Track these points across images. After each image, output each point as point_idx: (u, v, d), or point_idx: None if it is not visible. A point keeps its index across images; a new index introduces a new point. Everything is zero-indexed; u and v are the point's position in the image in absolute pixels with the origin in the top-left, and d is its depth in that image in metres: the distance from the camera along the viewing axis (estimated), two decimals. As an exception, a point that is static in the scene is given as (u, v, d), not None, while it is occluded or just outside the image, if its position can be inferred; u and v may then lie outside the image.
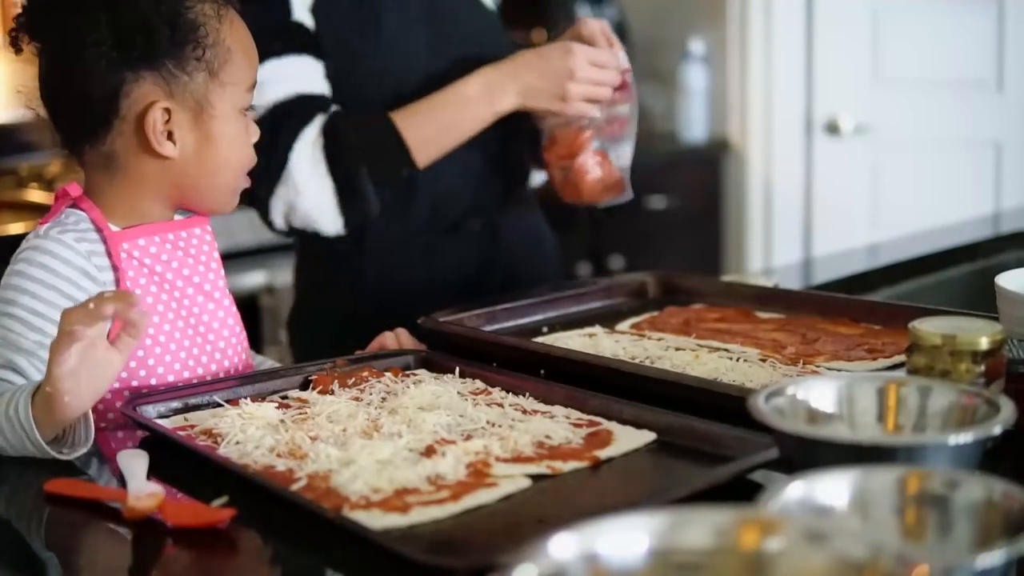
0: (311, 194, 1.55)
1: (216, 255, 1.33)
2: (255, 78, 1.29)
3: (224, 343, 1.30)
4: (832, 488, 0.76)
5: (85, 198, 1.25)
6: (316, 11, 1.63)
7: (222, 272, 1.33)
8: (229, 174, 1.28)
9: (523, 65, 1.58)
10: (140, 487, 0.97)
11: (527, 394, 1.20)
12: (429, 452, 1.03)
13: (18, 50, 1.23)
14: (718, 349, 1.34)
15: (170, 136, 1.22)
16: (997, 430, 0.85)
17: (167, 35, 1.20)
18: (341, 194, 1.56)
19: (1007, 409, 0.87)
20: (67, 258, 1.20)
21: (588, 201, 1.63)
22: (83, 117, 1.23)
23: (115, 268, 1.22)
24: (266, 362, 1.43)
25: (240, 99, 1.26)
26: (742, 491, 0.87)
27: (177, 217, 1.30)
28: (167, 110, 1.21)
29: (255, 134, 1.30)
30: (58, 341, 1.04)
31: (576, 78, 1.55)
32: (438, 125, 1.58)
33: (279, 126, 1.55)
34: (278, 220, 1.58)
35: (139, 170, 1.24)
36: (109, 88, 1.20)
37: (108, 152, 1.23)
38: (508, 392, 1.21)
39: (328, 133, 1.56)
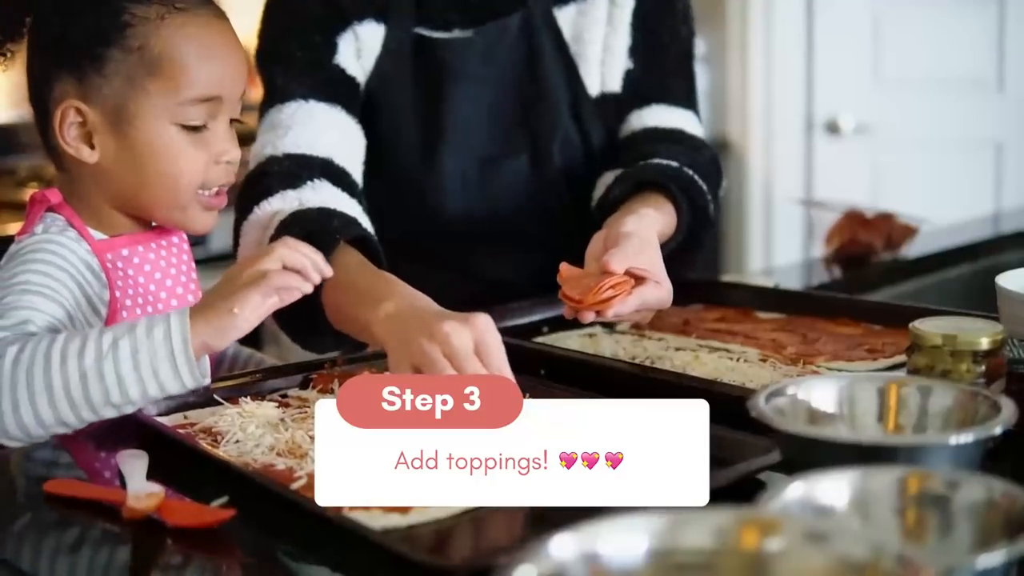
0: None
1: (192, 263, 1.31)
2: (211, 94, 1.18)
3: None
4: (832, 488, 0.76)
5: (65, 205, 1.21)
6: (374, 78, 1.54)
7: (195, 277, 1.30)
8: (170, 190, 1.19)
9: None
10: (140, 487, 0.97)
11: (527, 394, 1.20)
12: (429, 452, 1.03)
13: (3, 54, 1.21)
14: (718, 349, 1.34)
15: (92, 141, 1.18)
16: (998, 430, 0.85)
17: (88, 32, 1.16)
18: None
19: (1008, 409, 0.87)
20: (73, 249, 1.18)
21: None
22: (33, 110, 1.22)
23: (106, 273, 1.20)
24: (265, 360, 1.43)
25: (176, 112, 1.17)
26: (742, 491, 0.87)
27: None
28: (79, 111, 1.17)
29: (228, 153, 1.21)
30: (259, 281, 1.03)
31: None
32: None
33: (249, 186, 1.41)
34: None
35: (79, 172, 1.20)
36: (39, 81, 1.19)
37: (54, 150, 1.21)
38: (508, 392, 1.21)
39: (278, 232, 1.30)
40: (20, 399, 1.03)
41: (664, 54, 1.60)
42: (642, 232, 1.27)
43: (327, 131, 1.46)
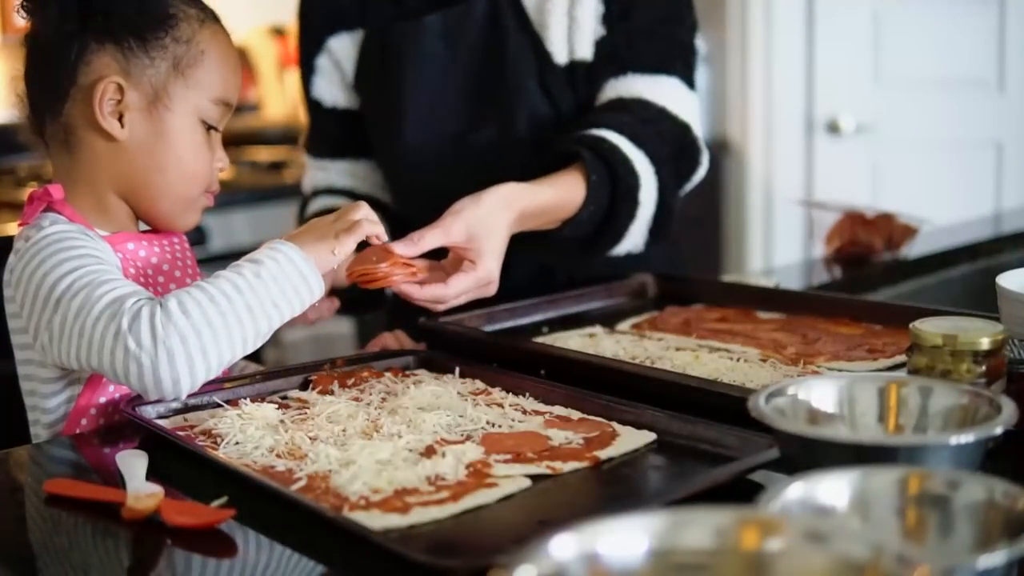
0: None
1: (194, 258, 1.33)
2: (229, 99, 1.28)
3: None
4: (833, 488, 0.76)
5: (66, 204, 1.22)
6: (357, 76, 1.69)
7: (200, 272, 1.32)
8: (183, 180, 1.25)
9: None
10: (140, 487, 0.97)
11: (527, 394, 1.20)
12: (429, 452, 1.03)
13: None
14: (718, 349, 1.34)
15: (121, 119, 1.21)
16: (998, 430, 0.85)
17: (135, 12, 1.21)
18: None
19: (1008, 409, 0.87)
20: (94, 238, 1.20)
21: None
22: (45, 82, 1.23)
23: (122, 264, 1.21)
24: (248, 367, 1.43)
25: (204, 107, 1.25)
26: (742, 491, 0.87)
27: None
28: (120, 87, 1.21)
29: (222, 160, 1.30)
30: (353, 228, 1.20)
31: None
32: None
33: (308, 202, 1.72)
34: None
35: (92, 148, 1.23)
36: (70, 52, 1.21)
37: (64, 124, 1.23)
38: (508, 392, 1.21)
39: None
40: (206, 343, 1.10)
41: (634, 19, 1.60)
42: (479, 211, 1.31)
43: (355, 180, 1.73)
